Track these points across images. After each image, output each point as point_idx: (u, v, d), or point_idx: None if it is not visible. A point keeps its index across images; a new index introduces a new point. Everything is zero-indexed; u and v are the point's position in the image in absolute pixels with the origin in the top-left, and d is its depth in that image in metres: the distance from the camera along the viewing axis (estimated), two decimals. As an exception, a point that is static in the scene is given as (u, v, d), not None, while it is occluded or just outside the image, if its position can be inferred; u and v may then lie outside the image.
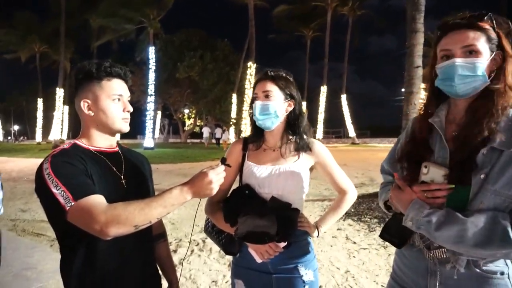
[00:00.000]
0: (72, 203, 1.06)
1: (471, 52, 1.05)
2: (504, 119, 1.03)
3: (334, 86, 35.45)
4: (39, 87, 36.20)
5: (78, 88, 1.28)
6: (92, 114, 1.27)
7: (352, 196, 1.63)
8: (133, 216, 1.05)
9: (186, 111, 38.14)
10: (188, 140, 35.71)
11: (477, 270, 1.04)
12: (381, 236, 1.24)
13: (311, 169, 1.61)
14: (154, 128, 27.44)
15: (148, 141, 24.64)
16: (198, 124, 37.83)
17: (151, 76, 25.62)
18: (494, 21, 1.07)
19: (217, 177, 1.15)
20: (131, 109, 1.33)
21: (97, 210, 1.04)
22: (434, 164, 1.05)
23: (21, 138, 59.38)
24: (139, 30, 29.49)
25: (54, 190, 1.08)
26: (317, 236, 1.57)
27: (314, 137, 1.63)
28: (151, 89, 25.64)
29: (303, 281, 1.50)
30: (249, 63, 24.78)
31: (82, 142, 1.28)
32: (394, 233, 1.18)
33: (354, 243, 4.31)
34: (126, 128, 1.31)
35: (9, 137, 61.27)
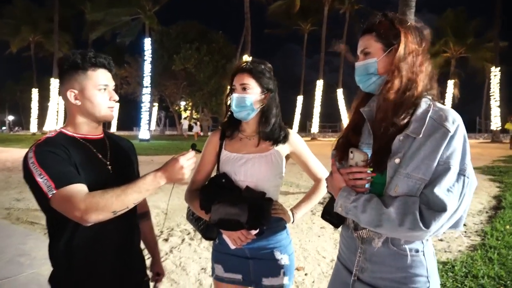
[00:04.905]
0: (54, 191, 1.13)
1: (365, 54, 1.21)
2: (419, 109, 1.13)
3: (331, 80, 35.56)
4: (33, 77, 35.88)
5: (63, 78, 1.32)
6: (79, 103, 1.31)
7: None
8: (111, 203, 1.12)
9: (183, 103, 38.06)
10: (185, 133, 35.82)
11: (394, 248, 1.16)
12: (322, 217, 1.36)
13: (287, 158, 1.68)
14: (150, 120, 27.44)
15: (143, 133, 24.66)
16: (194, 116, 37.79)
17: (147, 68, 25.52)
18: (391, 19, 1.18)
19: (187, 162, 1.21)
20: (117, 98, 1.38)
21: (77, 198, 1.11)
22: (357, 150, 1.17)
23: (16, 128, 59.14)
24: (134, 19, 29.23)
25: (38, 179, 1.14)
26: (292, 222, 1.65)
27: (310, 131, 1.70)
28: (146, 81, 25.55)
29: (279, 265, 1.59)
30: (245, 56, 24.71)
31: (67, 130, 1.33)
32: (333, 214, 1.28)
33: (341, 233, 4.42)
34: (111, 116, 1.37)
35: (4, 128, 61.00)
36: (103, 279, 1.32)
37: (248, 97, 1.56)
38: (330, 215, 1.31)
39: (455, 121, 1.08)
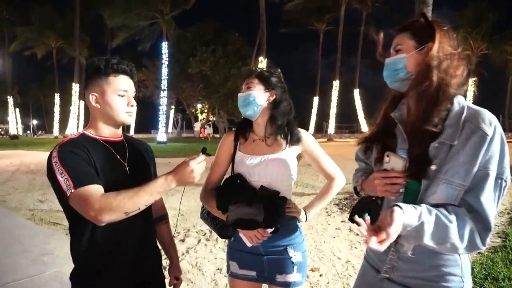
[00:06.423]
0: (72, 190, 1.19)
1: (397, 51, 1.20)
2: (452, 112, 1.10)
3: (347, 80, 35.20)
4: (56, 82, 36.98)
5: (87, 82, 1.40)
6: (99, 106, 1.38)
7: (339, 182, 1.73)
8: (123, 204, 1.18)
9: (199, 106, 38.40)
10: (197, 136, 36.15)
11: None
12: (349, 219, 1.33)
13: (299, 157, 1.71)
14: (167, 123, 27.97)
15: (161, 136, 25.04)
16: (210, 119, 38.07)
17: (164, 71, 25.96)
18: (429, 20, 1.17)
19: (198, 166, 1.25)
20: (135, 104, 1.44)
21: (92, 199, 1.17)
22: (395, 154, 1.14)
23: (39, 132, 61.19)
24: (152, 23, 29.90)
25: (59, 177, 1.22)
26: (305, 221, 1.68)
27: (326, 132, 1.73)
28: (164, 84, 25.99)
29: (292, 262, 1.62)
30: (260, 58, 24.76)
31: (89, 132, 1.41)
32: (361, 215, 1.28)
33: (357, 235, 4.39)
34: (129, 120, 1.43)
35: (28, 131, 63.10)
36: (119, 276, 1.37)
37: (251, 93, 1.62)
38: (359, 217, 1.31)
39: (492, 123, 1.04)
